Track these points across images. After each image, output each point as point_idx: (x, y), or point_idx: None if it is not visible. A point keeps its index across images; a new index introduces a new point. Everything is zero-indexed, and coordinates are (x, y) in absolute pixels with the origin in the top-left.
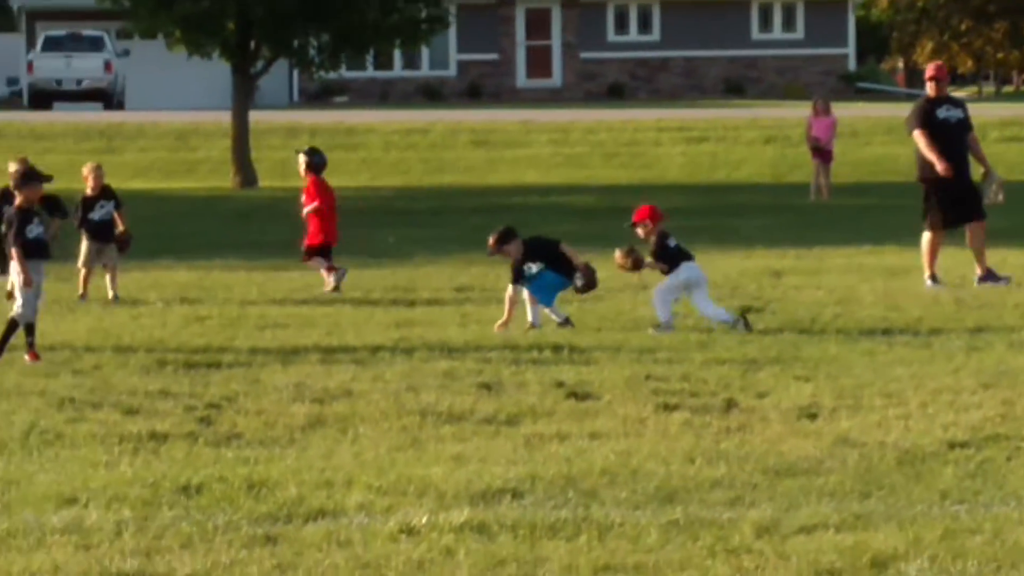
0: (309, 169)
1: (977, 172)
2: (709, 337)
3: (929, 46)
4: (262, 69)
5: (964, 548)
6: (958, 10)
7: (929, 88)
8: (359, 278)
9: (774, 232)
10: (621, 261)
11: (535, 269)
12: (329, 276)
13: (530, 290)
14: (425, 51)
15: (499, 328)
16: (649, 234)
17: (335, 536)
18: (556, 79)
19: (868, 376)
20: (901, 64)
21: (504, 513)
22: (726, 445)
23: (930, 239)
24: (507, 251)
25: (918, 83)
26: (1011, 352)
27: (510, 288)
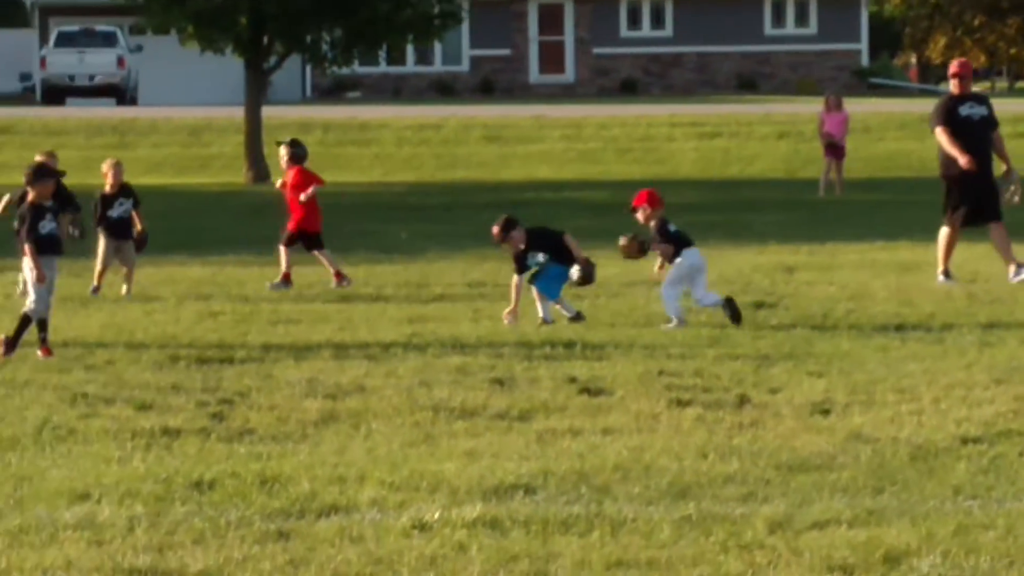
0: (292, 160)
1: (999, 169)
2: (722, 333)
3: (942, 42)
4: (275, 65)
5: (977, 544)
6: (971, 5)
7: (953, 85)
8: (371, 274)
9: (787, 228)
10: (625, 244)
11: (541, 259)
12: (285, 260)
13: (537, 287)
14: (438, 47)
15: (507, 316)
16: (648, 219)
17: (347, 532)
18: (569, 75)
19: (881, 372)
20: (914, 60)
21: (516, 509)
22: (739, 441)
23: (947, 235)
24: (513, 239)
25: (931, 78)
26: (1023, 348)
27: (515, 277)
